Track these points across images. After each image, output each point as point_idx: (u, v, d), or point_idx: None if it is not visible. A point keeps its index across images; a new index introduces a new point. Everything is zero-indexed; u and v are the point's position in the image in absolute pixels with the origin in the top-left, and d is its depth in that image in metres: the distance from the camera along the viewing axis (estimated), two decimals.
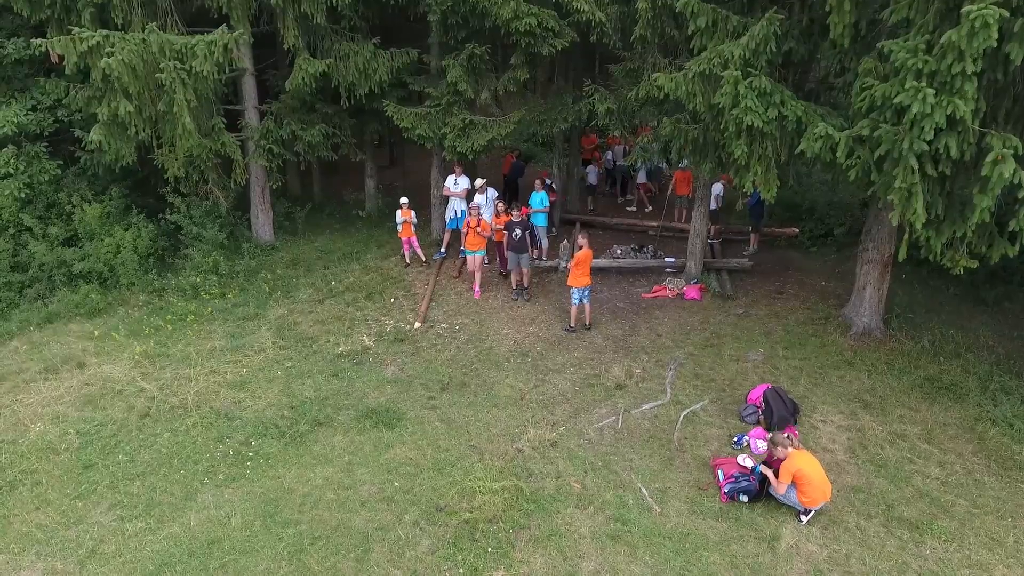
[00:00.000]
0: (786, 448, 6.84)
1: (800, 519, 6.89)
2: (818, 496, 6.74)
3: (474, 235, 12.10)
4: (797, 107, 7.76)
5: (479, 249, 12.25)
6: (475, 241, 12.18)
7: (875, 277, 10.16)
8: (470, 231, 12.10)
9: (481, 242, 12.19)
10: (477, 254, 12.28)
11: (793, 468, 6.69)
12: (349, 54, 13.05)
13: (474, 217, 12.05)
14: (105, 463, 8.26)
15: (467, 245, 12.35)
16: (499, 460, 8.00)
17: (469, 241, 12.23)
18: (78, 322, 12.20)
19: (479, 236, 12.09)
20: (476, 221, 11.99)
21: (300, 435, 8.63)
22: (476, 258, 12.30)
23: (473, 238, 12.15)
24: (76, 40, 10.50)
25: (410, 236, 13.69)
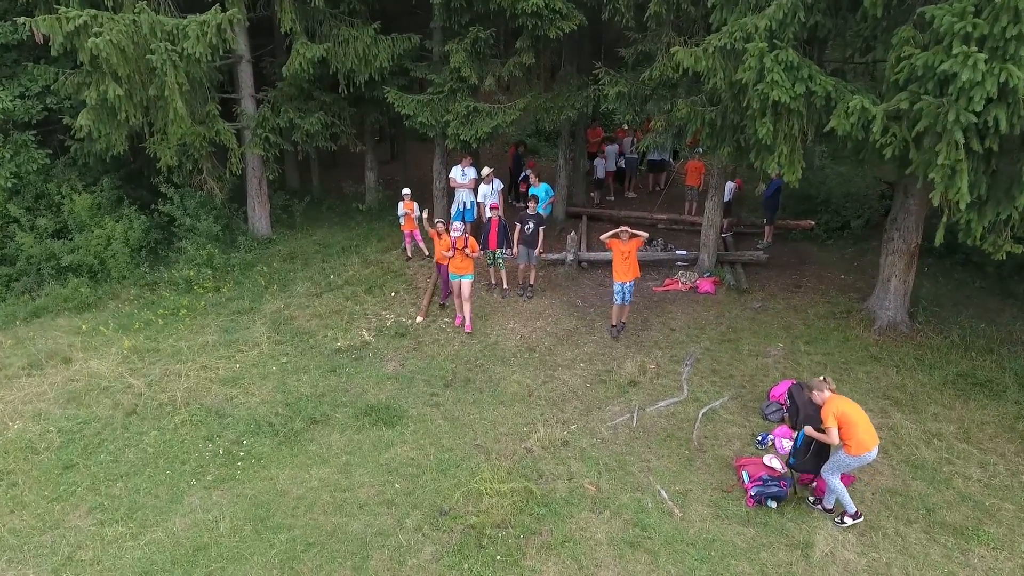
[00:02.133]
0: (822, 392, 6.21)
1: (840, 521, 6.32)
2: (868, 440, 6.10)
3: (461, 257, 10.17)
4: (827, 82, 7.21)
5: (466, 273, 10.27)
6: (462, 264, 10.23)
7: (901, 268, 9.60)
8: (456, 252, 10.14)
9: (469, 264, 10.24)
10: (464, 279, 10.29)
11: (835, 410, 6.07)
12: (348, 39, 12.53)
13: (459, 236, 10.22)
14: (87, 463, 7.71)
15: (452, 268, 10.35)
16: (507, 460, 7.44)
17: (455, 264, 10.26)
18: (66, 316, 11.68)
19: (468, 258, 10.18)
20: (463, 240, 10.11)
21: (295, 433, 8.08)
22: (464, 284, 10.29)
23: (460, 260, 10.19)
24: (62, 19, 9.98)
25: (412, 229, 13.10)
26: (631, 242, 9.59)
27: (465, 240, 10.15)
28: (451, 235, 10.23)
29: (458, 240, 10.12)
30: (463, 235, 10.25)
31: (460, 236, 10.18)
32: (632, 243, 9.60)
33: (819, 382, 6.25)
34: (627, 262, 9.58)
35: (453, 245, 10.07)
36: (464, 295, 10.30)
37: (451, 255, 10.12)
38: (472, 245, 10.16)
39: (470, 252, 10.12)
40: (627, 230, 9.68)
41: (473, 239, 10.23)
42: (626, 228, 9.72)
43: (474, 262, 10.40)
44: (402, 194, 13.15)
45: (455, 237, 10.15)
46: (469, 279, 10.28)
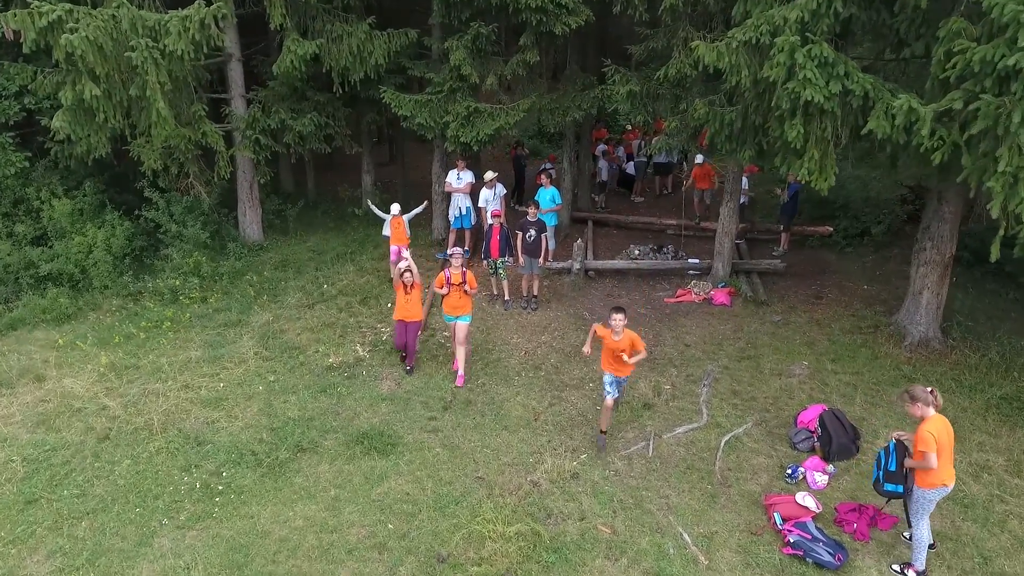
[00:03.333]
0: (926, 407, 5.35)
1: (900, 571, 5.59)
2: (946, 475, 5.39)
3: (459, 294, 8.49)
4: (865, 80, 6.49)
5: (464, 314, 8.56)
6: (460, 303, 8.53)
7: (934, 280, 8.89)
8: (452, 289, 8.48)
9: (467, 303, 8.60)
10: (461, 320, 8.57)
11: (935, 430, 5.28)
12: (342, 35, 11.82)
13: (456, 271, 8.51)
14: (51, 497, 7.00)
15: (448, 308, 8.61)
16: (512, 496, 6.73)
17: (451, 303, 8.55)
18: (44, 329, 10.98)
19: (467, 295, 8.56)
20: (461, 275, 8.50)
21: (280, 464, 7.37)
22: (460, 326, 8.57)
23: (458, 299, 8.51)
24: (34, 14, 9.26)
25: (400, 244, 11.24)
26: (624, 340, 7.01)
27: (463, 274, 8.52)
28: (447, 270, 8.60)
29: (454, 275, 8.47)
30: (461, 269, 8.56)
31: (458, 271, 8.51)
32: (626, 341, 7.01)
33: (926, 394, 5.37)
34: (618, 360, 7.14)
35: (448, 281, 8.49)
36: (460, 338, 8.63)
37: (446, 292, 8.53)
38: (471, 281, 8.57)
39: (469, 289, 8.54)
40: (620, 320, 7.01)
41: (472, 275, 8.63)
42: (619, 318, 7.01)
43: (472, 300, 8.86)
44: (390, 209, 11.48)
45: (451, 272, 8.50)
46: (466, 321, 8.59)
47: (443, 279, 8.58)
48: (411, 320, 8.73)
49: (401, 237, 11.43)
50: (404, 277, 8.57)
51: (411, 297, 8.62)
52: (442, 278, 8.61)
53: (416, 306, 8.69)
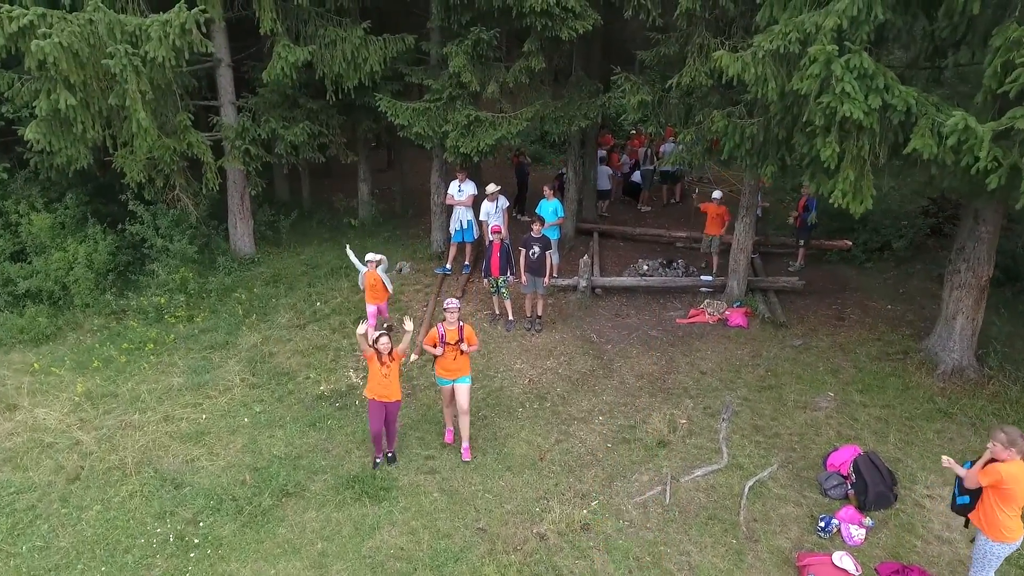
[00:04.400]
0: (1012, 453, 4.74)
1: None
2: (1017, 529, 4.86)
3: (455, 353, 7.19)
4: (908, 93, 5.84)
5: (462, 376, 7.28)
6: (456, 364, 7.23)
7: (969, 305, 8.24)
8: (447, 349, 7.15)
9: (465, 364, 7.29)
10: (460, 383, 7.27)
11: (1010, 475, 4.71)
12: (335, 40, 11.18)
13: (451, 326, 7.18)
14: (12, 550, 6.37)
15: (442, 370, 7.30)
16: (516, 553, 6.07)
17: (445, 364, 7.23)
18: (20, 350, 10.37)
19: (464, 355, 7.26)
20: (457, 332, 7.17)
21: (263, 512, 6.72)
22: (460, 389, 7.26)
23: (453, 360, 7.21)
24: (3, 19, 8.61)
25: (379, 303, 9.76)
26: None
27: (460, 330, 7.18)
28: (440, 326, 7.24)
29: (449, 332, 7.15)
30: (458, 324, 7.20)
31: (454, 326, 7.17)
32: None
33: (1004, 437, 4.77)
34: None
35: (442, 338, 7.14)
36: (462, 406, 7.26)
37: (440, 352, 7.17)
38: (470, 337, 7.22)
39: (467, 347, 7.19)
40: None
41: (471, 330, 7.29)
42: None
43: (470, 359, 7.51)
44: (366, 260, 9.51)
45: (446, 328, 7.17)
46: (467, 383, 7.26)
47: (436, 336, 7.17)
48: (390, 401, 7.07)
49: (379, 294, 9.60)
50: (380, 344, 6.86)
51: (390, 370, 6.94)
52: (434, 335, 7.19)
53: (395, 382, 7.02)
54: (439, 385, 7.47)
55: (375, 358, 6.89)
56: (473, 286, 11.79)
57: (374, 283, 9.50)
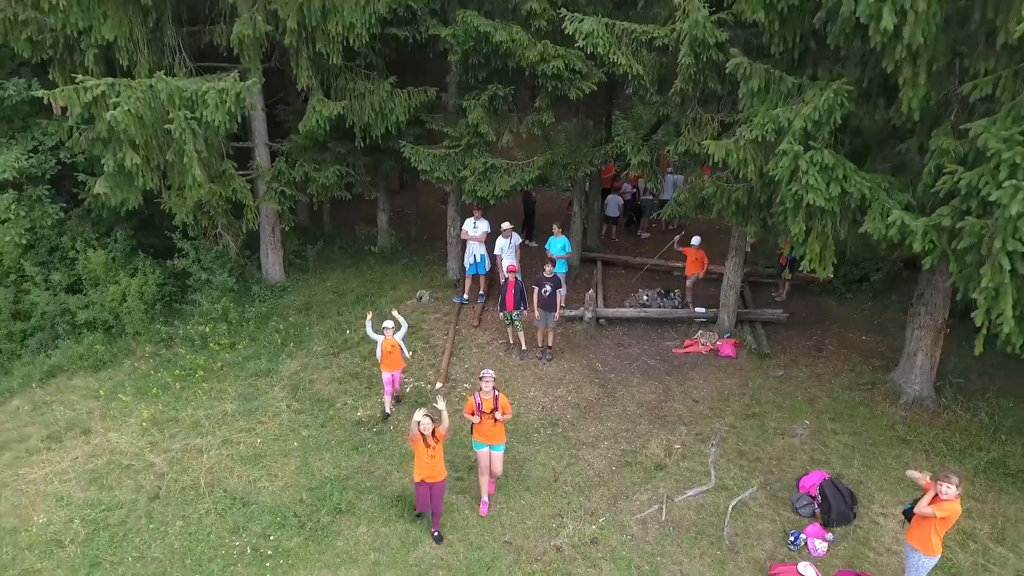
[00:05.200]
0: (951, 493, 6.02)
1: None
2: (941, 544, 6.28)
3: (491, 422, 7.73)
4: (862, 183, 7.15)
5: (498, 443, 7.91)
6: (492, 431, 7.81)
7: (928, 344, 9.56)
8: (484, 417, 7.71)
9: (501, 431, 7.88)
10: (496, 449, 7.92)
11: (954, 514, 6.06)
12: (365, 93, 12.46)
13: (487, 395, 7.66)
14: (112, 560, 7.67)
15: (479, 436, 7.88)
16: (537, 563, 7.40)
17: (483, 431, 7.81)
18: (82, 376, 11.65)
19: (499, 422, 7.80)
20: (492, 401, 7.65)
21: (322, 527, 8.03)
22: (496, 457, 7.96)
23: (491, 427, 7.76)
24: (80, 90, 9.88)
25: (394, 369, 9.88)
26: None
27: (495, 399, 7.68)
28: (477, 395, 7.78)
29: (485, 401, 7.66)
30: (493, 393, 7.69)
31: (489, 395, 7.66)
32: None
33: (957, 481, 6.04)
34: None
35: (479, 408, 7.69)
36: (495, 470, 7.99)
37: (477, 420, 7.76)
38: (504, 406, 7.74)
39: (501, 416, 7.72)
40: None
41: (506, 399, 7.84)
42: None
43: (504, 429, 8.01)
44: (383, 326, 9.64)
45: (482, 397, 7.69)
46: (501, 451, 7.94)
47: (473, 405, 7.73)
48: (435, 481, 7.49)
49: (396, 361, 9.77)
50: (421, 427, 7.18)
51: (435, 452, 7.32)
52: (472, 404, 7.76)
53: (440, 463, 7.45)
54: (475, 450, 8.03)
55: (420, 441, 7.25)
56: (488, 315, 13.07)
57: (391, 350, 9.61)
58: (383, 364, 9.80)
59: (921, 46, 6.35)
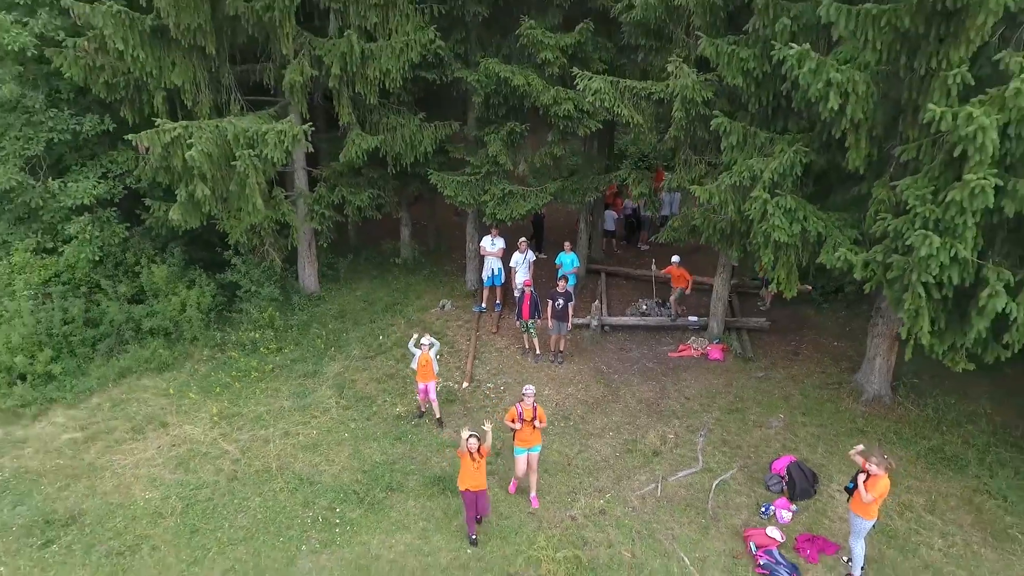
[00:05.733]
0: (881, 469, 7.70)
1: None
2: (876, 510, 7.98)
3: (531, 429, 9.34)
4: (819, 223, 8.97)
5: (535, 445, 9.49)
6: (531, 436, 9.40)
7: (884, 349, 11.38)
8: (524, 424, 9.28)
9: (539, 436, 9.53)
10: (534, 451, 9.52)
11: (885, 488, 7.73)
12: (397, 127, 14.24)
13: (527, 407, 9.27)
14: (208, 527, 9.48)
15: (520, 441, 9.45)
16: (556, 528, 9.22)
17: (523, 437, 9.39)
18: (150, 377, 13.41)
19: (537, 429, 9.43)
20: (532, 411, 9.25)
21: (377, 502, 9.85)
22: (533, 457, 9.57)
23: (530, 433, 9.37)
24: (160, 133, 11.66)
25: (428, 381, 11.22)
26: None
27: (535, 410, 9.28)
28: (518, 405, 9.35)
29: (526, 411, 9.24)
30: (533, 405, 9.30)
31: (530, 407, 9.27)
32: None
33: (887, 462, 7.77)
34: None
35: (520, 416, 9.25)
36: (533, 467, 9.64)
37: (519, 427, 9.30)
38: (541, 416, 9.33)
39: (539, 424, 9.33)
40: None
41: (542, 410, 9.47)
42: None
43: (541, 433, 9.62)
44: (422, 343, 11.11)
45: (523, 408, 9.28)
46: (537, 451, 9.59)
47: (515, 414, 9.26)
48: (480, 490, 8.77)
49: (429, 374, 11.15)
50: (469, 445, 8.48)
51: (479, 465, 8.63)
52: (514, 413, 9.29)
53: (483, 474, 8.73)
54: (516, 455, 9.56)
55: (467, 455, 8.52)
56: (505, 322, 14.88)
57: (426, 363, 10.97)
58: (418, 376, 11.25)
59: (861, 120, 8.17)
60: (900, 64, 8.06)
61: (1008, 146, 7.22)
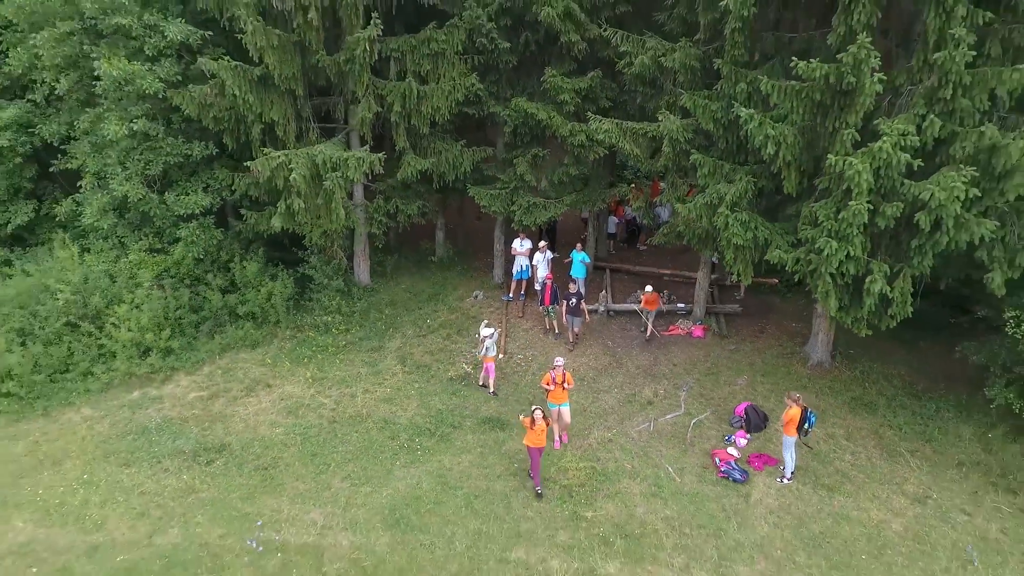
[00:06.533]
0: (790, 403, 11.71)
1: (781, 479, 12.01)
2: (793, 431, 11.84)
3: (560, 389, 12.78)
4: (765, 231, 12.87)
5: (564, 402, 12.96)
6: (561, 395, 12.90)
7: (824, 327, 15.30)
8: (556, 387, 12.75)
9: (566, 395, 12.97)
10: (563, 407, 12.97)
11: (795, 415, 11.64)
12: (442, 151, 18.13)
13: (558, 373, 12.73)
14: (323, 452, 13.36)
15: (552, 399, 12.93)
16: (578, 451, 13.13)
17: (555, 395, 12.86)
18: (246, 351, 17.25)
19: (565, 390, 12.86)
20: (562, 376, 12.72)
21: (444, 436, 13.74)
22: (564, 412, 13.01)
23: (560, 392, 12.83)
24: (269, 160, 15.53)
25: (490, 363, 15.09)
26: None
27: (564, 376, 12.81)
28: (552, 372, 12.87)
29: (558, 376, 12.76)
30: (563, 371, 12.81)
31: (560, 372, 12.75)
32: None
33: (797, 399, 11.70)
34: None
35: (553, 380, 12.75)
36: (565, 420, 13.07)
37: (552, 389, 12.82)
38: (569, 380, 12.88)
39: (567, 386, 12.86)
40: None
41: (570, 375, 13.03)
42: None
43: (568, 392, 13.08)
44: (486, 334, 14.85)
45: (555, 373, 12.77)
46: (567, 407, 13.04)
47: (550, 378, 12.84)
48: (541, 447, 11.97)
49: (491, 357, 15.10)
50: (535, 415, 11.83)
51: (542, 431, 11.82)
52: (548, 378, 12.87)
53: (544, 437, 11.93)
54: (550, 408, 12.97)
55: (531, 424, 11.76)
56: (528, 309, 18.78)
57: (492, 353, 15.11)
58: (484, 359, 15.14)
59: (791, 160, 12.07)
60: (816, 123, 11.97)
61: (880, 182, 11.12)
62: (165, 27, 16.09)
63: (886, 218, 11.14)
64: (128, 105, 16.95)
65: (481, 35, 16.70)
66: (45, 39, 16.90)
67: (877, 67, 10.96)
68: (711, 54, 14.08)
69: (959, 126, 11.03)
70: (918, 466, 12.58)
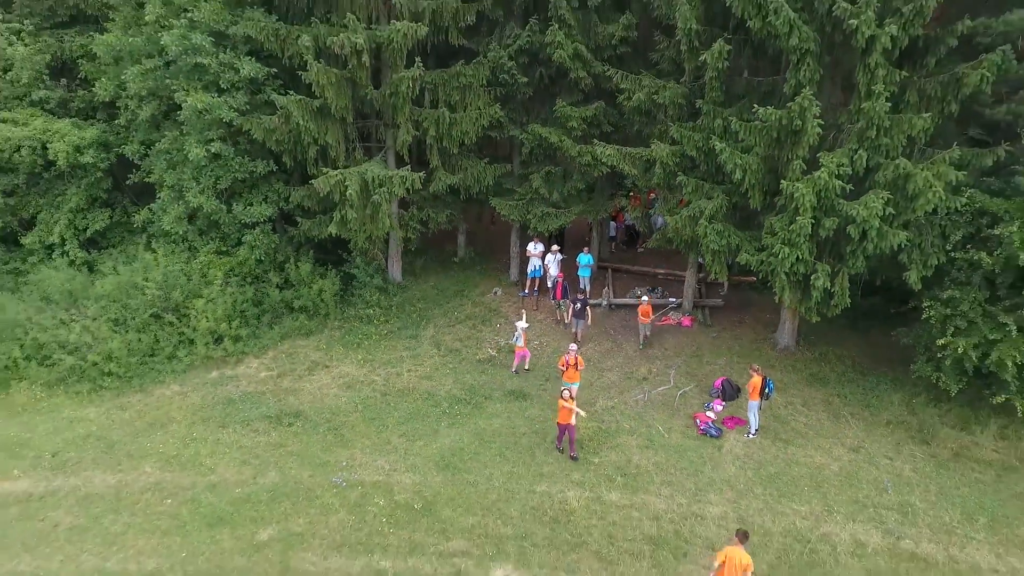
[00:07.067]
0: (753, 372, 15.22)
1: (748, 435, 15.52)
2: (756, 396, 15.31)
3: (573, 370, 15.74)
4: (736, 238, 16.37)
5: (576, 381, 15.90)
6: (574, 375, 15.94)
7: (789, 317, 18.83)
8: (569, 367, 15.86)
9: (577, 376, 16.05)
10: (574, 385, 15.68)
11: (756, 383, 15.15)
12: (468, 168, 21.63)
13: (571, 356, 15.94)
14: (381, 416, 16.86)
15: (566, 378, 16.09)
16: (587, 414, 16.62)
17: (568, 375, 15.97)
18: (302, 339, 20.72)
19: (577, 371, 15.90)
20: (575, 359, 15.86)
21: (477, 404, 17.24)
22: (574, 389, 15.49)
23: (572, 372, 15.82)
24: (330, 177, 19.01)
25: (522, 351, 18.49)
26: None
27: (576, 359, 16.03)
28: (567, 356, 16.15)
29: (571, 359, 15.97)
30: (575, 355, 16.11)
31: (573, 356, 16.05)
32: None
33: (755, 368, 15.26)
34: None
35: (567, 362, 15.95)
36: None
37: (565, 370, 15.99)
38: (580, 362, 16.05)
39: (579, 367, 15.97)
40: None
41: (581, 359, 16.27)
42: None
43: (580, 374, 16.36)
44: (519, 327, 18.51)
45: (569, 357, 16.06)
46: (577, 385, 15.99)
47: (565, 361, 16.13)
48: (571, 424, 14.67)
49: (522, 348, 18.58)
50: (564, 397, 14.48)
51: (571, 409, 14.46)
52: (563, 360, 16.18)
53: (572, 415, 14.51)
54: (564, 385, 15.98)
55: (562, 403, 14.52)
56: (542, 303, 22.27)
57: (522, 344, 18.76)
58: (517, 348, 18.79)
59: (755, 182, 15.56)
60: (774, 154, 15.48)
61: (821, 202, 14.62)
62: (240, 66, 19.54)
63: (826, 229, 14.66)
64: (204, 129, 20.40)
65: (503, 71, 20.22)
66: (134, 73, 20.33)
67: (817, 113, 14.45)
68: (696, 91, 17.60)
69: (883, 158, 14.56)
70: (856, 425, 16.11)
